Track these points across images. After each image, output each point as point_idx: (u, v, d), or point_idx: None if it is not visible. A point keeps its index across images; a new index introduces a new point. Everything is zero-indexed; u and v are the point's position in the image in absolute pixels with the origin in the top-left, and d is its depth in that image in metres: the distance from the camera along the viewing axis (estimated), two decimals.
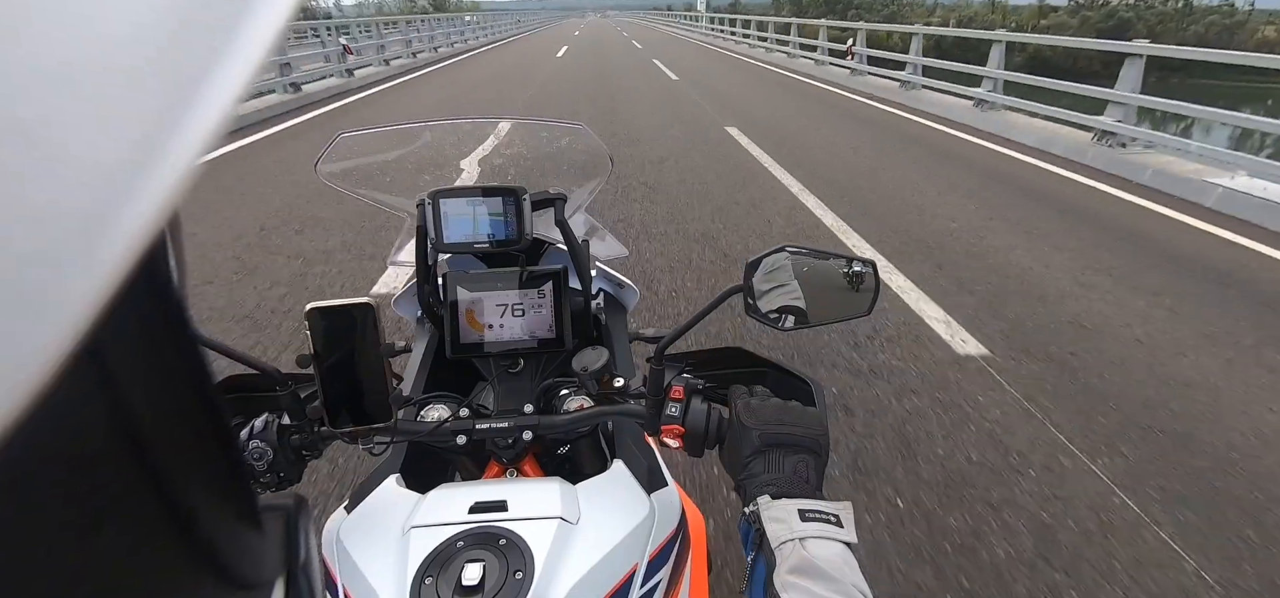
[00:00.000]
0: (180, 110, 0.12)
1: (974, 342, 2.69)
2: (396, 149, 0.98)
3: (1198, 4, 32.12)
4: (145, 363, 0.18)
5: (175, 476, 0.19)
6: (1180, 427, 2.17)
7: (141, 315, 0.17)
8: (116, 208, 0.11)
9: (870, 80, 11.05)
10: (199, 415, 0.22)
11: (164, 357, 0.19)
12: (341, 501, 0.64)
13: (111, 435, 0.16)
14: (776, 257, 0.62)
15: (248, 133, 6.87)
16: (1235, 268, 3.60)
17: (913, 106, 9.01)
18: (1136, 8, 31.67)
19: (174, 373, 0.20)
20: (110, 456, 0.16)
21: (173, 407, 0.20)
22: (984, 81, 7.98)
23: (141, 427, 0.17)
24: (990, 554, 1.65)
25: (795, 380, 0.71)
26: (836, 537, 0.49)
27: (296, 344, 2.60)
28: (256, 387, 0.71)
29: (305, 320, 0.57)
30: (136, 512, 0.18)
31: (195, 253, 3.49)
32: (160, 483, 0.18)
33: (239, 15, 0.14)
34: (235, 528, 0.24)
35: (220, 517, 0.23)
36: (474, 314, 0.79)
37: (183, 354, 0.20)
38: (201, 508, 0.21)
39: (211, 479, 0.22)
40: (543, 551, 0.53)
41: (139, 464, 0.18)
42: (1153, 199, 4.88)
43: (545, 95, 10.02)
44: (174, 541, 0.20)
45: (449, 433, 0.70)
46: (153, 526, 0.19)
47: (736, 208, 4.46)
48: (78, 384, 0.14)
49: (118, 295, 0.12)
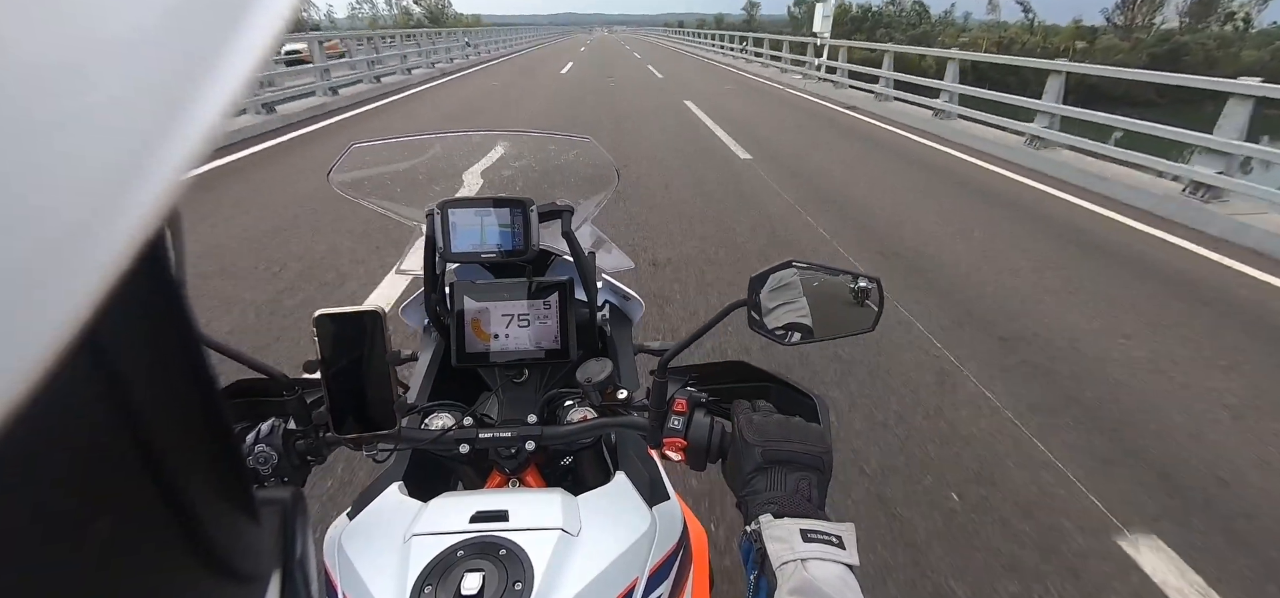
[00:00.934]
0: (180, 108, 0.13)
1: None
2: (406, 160, 0.99)
3: (1257, 26, 30.28)
4: (145, 357, 0.18)
5: (173, 468, 0.19)
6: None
7: (142, 310, 0.18)
8: (116, 204, 0.12)
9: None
10: (198, 409, 0.22)
11: (163, 351, 0.20)
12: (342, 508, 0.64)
13: (110, 428, 0.17)
14: (782, 272, 0.63)
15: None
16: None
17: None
18: (1191, 29, 29.97)
19: (174, 367, 0.20)
20: (108, 448, 0.17)
21: (172, 400, 0.20)
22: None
23: (140, 419, 0.17)
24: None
25: (799, 396, 0.69)
26: (838, 559, 0.49)
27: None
28: (264, 391, 0.71)
29: (313, 326, 0.58)
30: (134, 504, 0.18)
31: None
32: (158, 475, 0.19)
33: (239, 15, 0.14)
34: (232, 521, 0.24)
35: (217, 510, 0.23)
36: (480, 324, 0.80)
37: (182, 348, 0.20)
38: (199, 501, 0.21)
39: (209, 472, 0.23)
40: (543, 562, 0.53)
41: (137, 457, 0.18)
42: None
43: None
44: (171, 533, 0.20)
45: (453, 441, 0.70)
46: (150, 518, 0.19)
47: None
48: (77, 377, 0.15)
49: (118, 290, 0.12)
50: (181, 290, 0.20)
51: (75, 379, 0.14)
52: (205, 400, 0.22)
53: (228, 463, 0.24)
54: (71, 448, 0.15)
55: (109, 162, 0.12)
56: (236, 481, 0.25)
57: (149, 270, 0.17)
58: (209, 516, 0.22)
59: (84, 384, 0.15)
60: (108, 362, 0.16)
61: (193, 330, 0.21)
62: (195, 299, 1.87)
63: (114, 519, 0.17)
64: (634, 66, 20.02)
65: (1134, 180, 5.58)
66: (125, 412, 0.17)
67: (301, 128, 8.09)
